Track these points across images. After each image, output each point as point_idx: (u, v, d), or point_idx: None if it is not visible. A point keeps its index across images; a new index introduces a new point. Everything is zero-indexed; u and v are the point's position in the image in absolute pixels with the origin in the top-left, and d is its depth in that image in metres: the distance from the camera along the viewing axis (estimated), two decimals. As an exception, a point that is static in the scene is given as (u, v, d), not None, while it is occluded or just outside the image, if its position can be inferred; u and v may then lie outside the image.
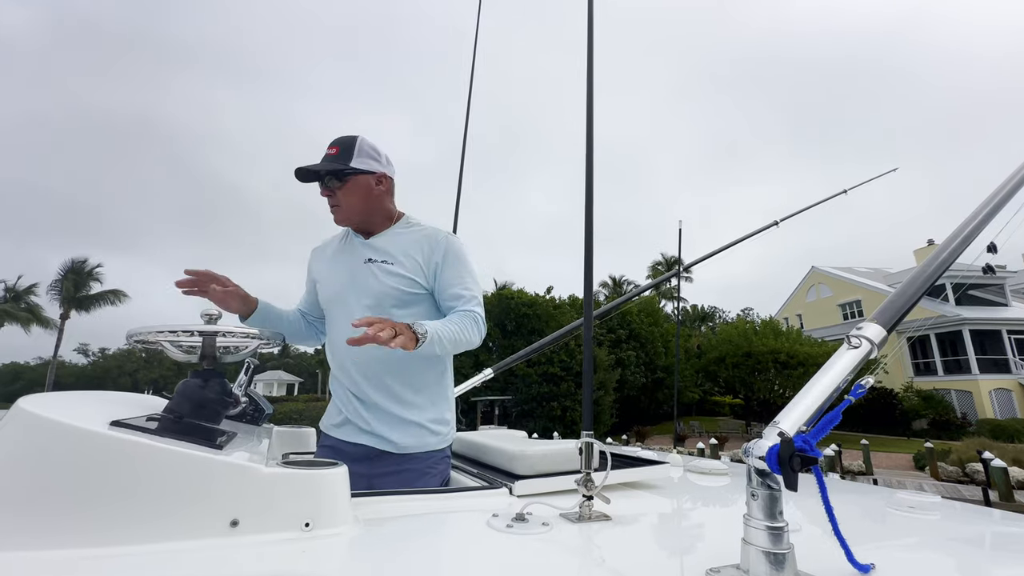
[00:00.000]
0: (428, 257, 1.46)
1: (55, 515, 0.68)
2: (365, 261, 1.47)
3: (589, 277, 1.16)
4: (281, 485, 0.80)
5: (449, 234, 1.52)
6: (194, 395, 1.19)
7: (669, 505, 1.24)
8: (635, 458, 1.55)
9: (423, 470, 1.40)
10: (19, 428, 0.72)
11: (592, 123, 1.26)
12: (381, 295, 1.43)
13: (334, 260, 1.57)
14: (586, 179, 1.22)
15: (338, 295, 1.51)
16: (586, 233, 1.18)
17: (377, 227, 1.54)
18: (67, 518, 0.68)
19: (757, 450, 0.73)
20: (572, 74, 1.36)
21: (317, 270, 1.62)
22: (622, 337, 22.96)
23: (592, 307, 1.13)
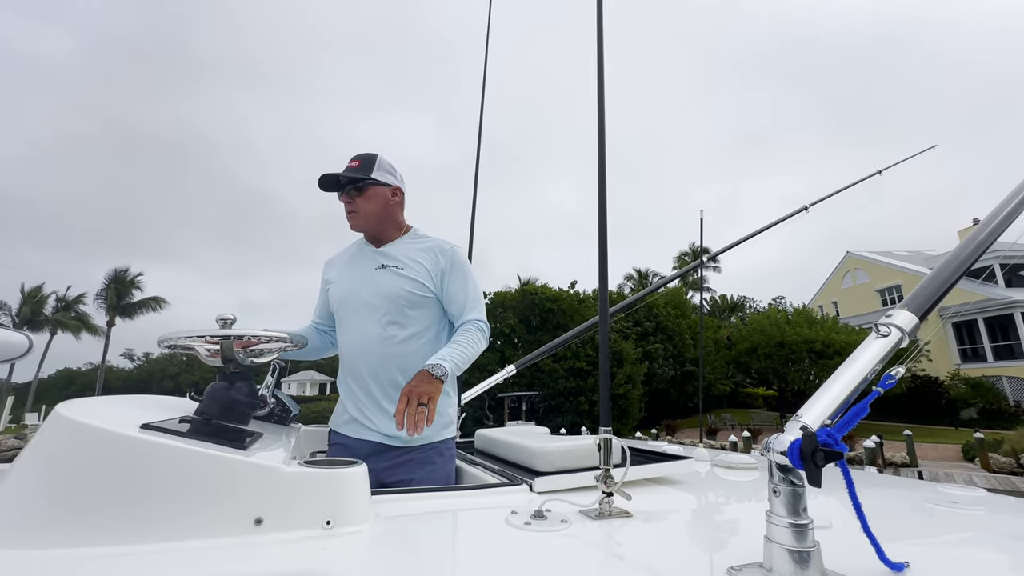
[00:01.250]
0: (435, 265, 1.57)
1: (90, 514, 0.71)
2: (377, 267, 1.57)
3: (604, 275, 1.14)
4: (302, 484, 0.82)
5: (455, 246, 1.63)
6: (222, 397, 1.23)
7: (693, 501, 1.22)
8: (658, 453, 1.53)
9: (425, 460, 1.48)
10: (57, 432, 0.76)
11: (603, 118, 1.24)
12: (393, 296, 1.52)
13: (347, 267, 1.66)
14: (599, 176, 1.20)
15: (351, 297, 1.59)
16: (600, 231, 1.16)
17: (388, 236, 1.64)
18: (101, 517, 0.71)
19: (778, 445, 0.71)
20: (591, 66, 1.35)
21: (330, 277, 1.70)
22: (649, 330, 22.64)
23: (608, 304, 1.11)
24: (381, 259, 1.58)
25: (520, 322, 19.30)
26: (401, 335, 1.52)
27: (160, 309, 34.95)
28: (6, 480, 0.75)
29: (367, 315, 1.54)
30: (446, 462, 1.53)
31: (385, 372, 1.51)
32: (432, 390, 1.26)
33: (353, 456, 1.49)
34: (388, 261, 1.57)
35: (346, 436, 1.55)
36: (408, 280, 1.53)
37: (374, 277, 1.56)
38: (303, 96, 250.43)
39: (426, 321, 1.56)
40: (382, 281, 1.54)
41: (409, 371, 1.47)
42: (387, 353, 1.50)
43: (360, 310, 1.55)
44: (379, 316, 1.52)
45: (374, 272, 1.56)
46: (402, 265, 1.56)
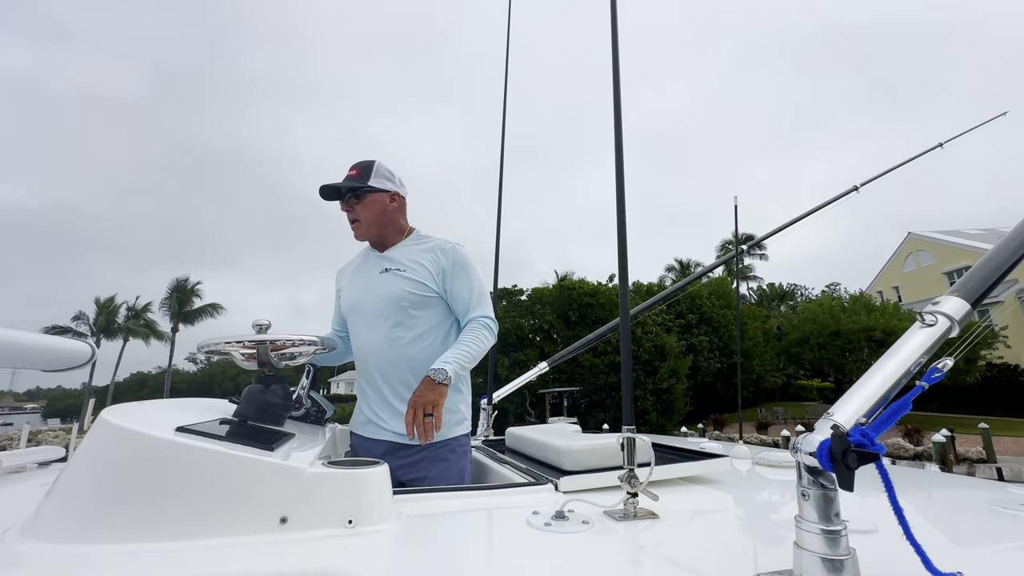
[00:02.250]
0: (436, 265, 1.59)
1: (129, 512, 0.76)
2: (381, 271, 1.60)
3: (624, 276, 1.10)
4: (325, 484, 0.85)
5: (455, 245, 1.63)
6: (257, 399, 1.29)
7: (727, 502, 1.17)
8: (692, 451, 1.48)
9: (438, 458, 1.51)
10: (101, 437, 0.82)
11: (619, 116, 1.19)
12: (397, 298, 1.55)
13: (355, 274, 1.71)
14: (616, 177, 1.16)
15: (358, 303, 1.64)
16: (619, 233, 1.12)
17: (391, 240, 1.67)
18: (139, 515, 0.76)
19: (806, 445, 0.66)
20: (624, 55, 1.30)
21: (341, 285, 1.76)
22: (692, 322, 21.97)
23: (628, 306, 1.08)
24: (385, 263, 1.62)
25: (559, 317, 19.17)
26: (407, 336, 1.54)
27: (217, 315, 37.18)
28: (60, 480, 0.81)
29: (374, 319, 1.58)
30: (459, 459, 1.55)
31: (395, 373, 1.55)
32: (435, 397, 1.30)
33: (369, 455, 1.55)
34: (391, 264, 1.60)
35: (363, 437, 1.60)
36: (410, 281, 1.55)
37: (378, 281, 1.59)
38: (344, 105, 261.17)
39: (432, 321, 1.58)
40: (386, 284, 1.57)
41: (418, 371, 1.51)
42: (395, 355, 1.54)
43: (367, 315, 1.59)
44: (384, 319, 1.56)
45: (378, 276, 1.60)
46: (404, 267, 1.58)
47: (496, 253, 2.84)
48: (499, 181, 2.70)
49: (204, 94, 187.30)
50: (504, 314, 19.47)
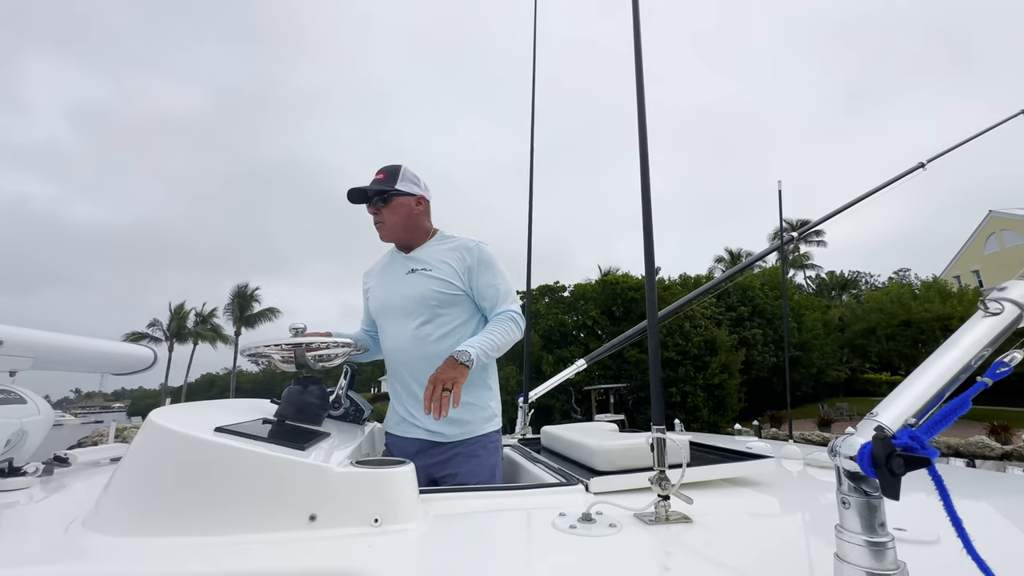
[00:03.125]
0: (462, 262, 1.61)
1: (171, 508, 0.81)
2: (407, 272, 1.63)
3: (651, 275, 1.05)
4: (351, 484, 0.86)
5: (479, 243, 1.65)
6: (296, 400, 1.34)
7: (770, 506, 1.10)
8: (734, 452, 1.40)
9: (470, 454, 1.53)
10: (147, 437, 0.87)
11: (643, 111, 1.14)
12: (424, 297, 1.58)
13: (381, 276, 1.74)
14: (642, 177, 1.10)
15: (385, 303, 1.67)
16: (645, 231, 1.07)
17: (416, 242, 1.70)
18: (179, 511, 0.81)
19: (846, 448, 0.61)
20: (660, 43, 1.27)
21: (368, 286, 1.79)
22: (744, 315, 21.02)
23: (656, 307, 1.03)
24: (411, 264, 1.64)
25: (602, 313, 18.89)
26: (436, 334, 1.56)
27: (275, 318, 39.33)
28: (114, 476, 0.88)
29: (402, 319, 1.60)
30: (490, 455, 1.56)
31: (424, 371, 1.53)
32: (456, 375, 1.30)
33: (403, 453, 1.58)
34: (417, 265, 1.63)
35: (397, 436, 1.64)
36: (436, 280, 1.58)
37: (405, 282, 1.62)
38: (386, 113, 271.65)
39: (459, 319, 1.60)
40: (412, 284, 1.59)
41: None
42: (424, 353, 1.55)
43: (395, 315, 1.62)
44: (412, 318, 1.58)
45: (404, 277, 1.63)
46: (430, 267, 1.60)
47: (528, 250, 2.82)
48: (529, 180, 2.68)
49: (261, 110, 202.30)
50: (547, 311, 19.41)
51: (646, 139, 1.13)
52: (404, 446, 1.60)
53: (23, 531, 0.94)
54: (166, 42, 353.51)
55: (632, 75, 1.17)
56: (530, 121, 2.82)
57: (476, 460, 1.53)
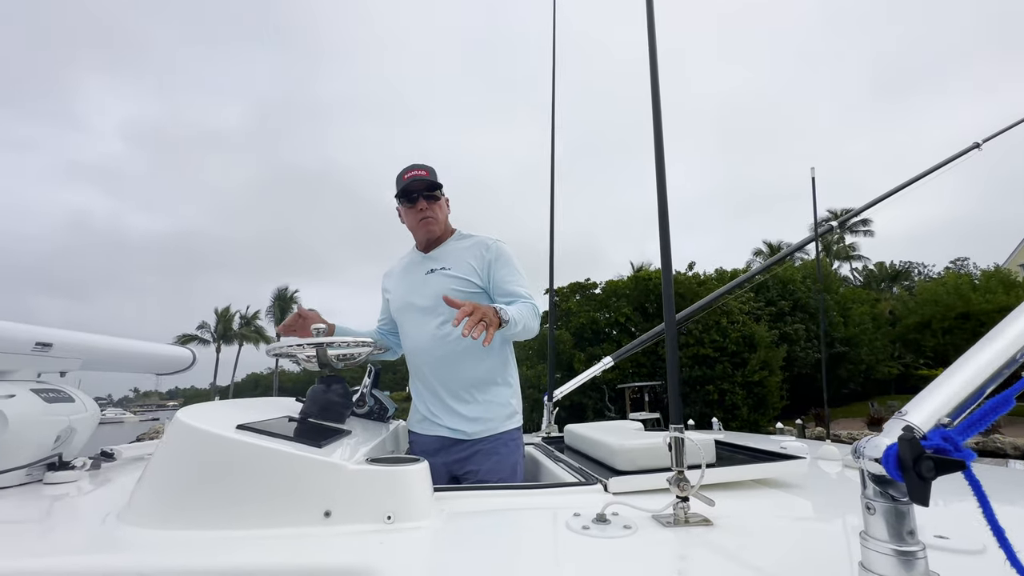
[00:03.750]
0: (481, 260, 1.62)
1: (193, 502, 0.84)
2: (427, 272, 1.65)
3: (668, 275, 1.02)
4: (364, 481, 0.87)
5: (497, 240, 1.67)
6: (320, 398, 1.37)
7: (799, 509, 1.04)
8: (765, 451, 1.34)
9: (491, 451, 1.54)
10: (174, 434, 0.91)
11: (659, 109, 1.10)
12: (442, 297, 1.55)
13: (401, 277, 1.76)
14: (657, 179, 1.07)
15: (406, 304, 1.69)
16: (661, 229, 1.03)
17: (440, 240, 1.72)
18: (201, 505, 0.84)
19: (870, 449, 0.57)
20: (692, 33, 1.24)
21: (388, 288, 1.81)
22: (785, 309, 20.20)
23: (673, 309, 1.00)
24: (430, 264, 1.66)
25: (635, 310, 18.55)
26: (455, 333, 1.56)
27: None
28: (145, 471, 0.92)
29: (422, 319, 1.62)
30: (511, 452, 1.56)
31: (445, 370, 1.60)
32: (493, 318, 1.28)
33: (425, 451, 1.59)
34: (436, 265, 1.65)
35: (419, 434, 1.66)
36: (455, 279, 1.59)
37: (425, 282, 1.63)
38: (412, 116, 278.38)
39: None
40: (432, 284, 1.61)
41: (467, 367, 1.57)
42: (444, 352, 1.57)
43: (416, 315, 1.64)
44: (433, 318, 1.59)
45: (424, 277, 1.64)
46: (449, 265, 1.62)
47: (551, 246, 2.79)
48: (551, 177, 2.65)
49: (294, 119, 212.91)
50: (578, 308, 19.23)
51: (661, 137, 1.09)
52: (426, 444, 1.62)
53: (66, 522, 1.00)
54: (207, 60, 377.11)
55: (664, 69, 1.13)
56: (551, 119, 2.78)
57: (497, 457, 1.53)
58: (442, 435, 1.59)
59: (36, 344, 1.36)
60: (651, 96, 1.11)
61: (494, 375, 1.62)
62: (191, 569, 0.71)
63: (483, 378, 1.60)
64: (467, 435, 1.56)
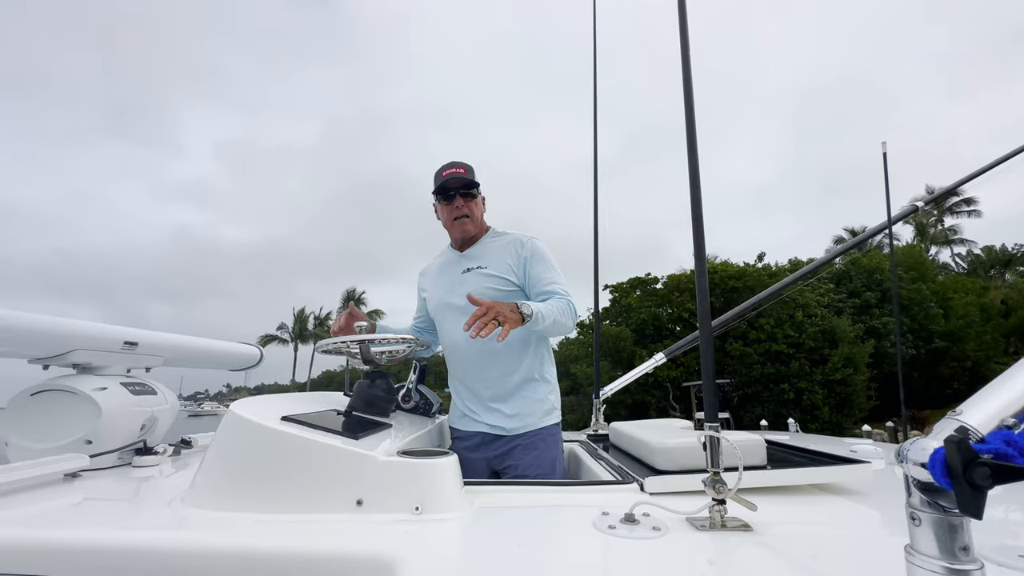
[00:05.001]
0: (517, 257, 1.63)
1: (242, 487, 0.91)
2: (463, 271, 1.66)
3: (703, 280, 0.96)
4: (393, 472, 0.90)
5: (532, 237, 1.67)
6: (364, 393, 1.44)
7: (854, 518, 0.94)
8: (825, 455, 1.23)
9: (529, 446, 1.54)
10: (228, 424, 0.99)
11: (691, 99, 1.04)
12: (480, 296, 1.56)
13: (438, 276, 1.78)
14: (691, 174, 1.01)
15: (443, 303, 1.70)
16: (694, 221, 0.97)
17: (475, 238, 1.73)
18: (248, 489, 0.90)
19: (916, 453, 0.50)
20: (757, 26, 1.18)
21: (424, 287, 1.84)
22: (872, 301, 18.45)
23: (709, 315, 0.94)
24: (466, 263, 1.68)
25: (700, 305, 17.73)
26: (495, 331, 1.56)
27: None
28: (204, 458, 1.01)
29: (460, 318, 1.61)
30: (549, 447, 1.56)
31: (483, 368, 1.61)
32: (509, 315, 1.29)
33: (465, 446, 1.61)
34: (472, 264, 1.66)
35: (460, 430, 1.68)
36: (492, 277, 1.60)
37: (462, 282, 1.65)
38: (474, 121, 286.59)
39: None
40: (469, 283, 1.62)
41: (506, 365, 1.58)
42: (482, 350, 1.58)
43: (454, 314, 1.65)
44: None
45: (461, 276, 1.66)
46: (486, 264, 1.63)
47: (595, 243, 2.73)
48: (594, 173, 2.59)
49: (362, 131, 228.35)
50: (638, 304, 18.70)
51: (694, 137, 1.02)
52: (466, 439, 1.65)
53: (145, 501, 1.12)
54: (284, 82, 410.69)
55: (728, 46, 1.07)
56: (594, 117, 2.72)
57: (536, 452, 1.53)
58: (482, 431, 1.61)
59: (124, 343, 1.53)
60: (683, 96, 1.06)
61: (532, 372, 1.62)
62: (234, 549, 0.77)
63: (521, 375, 1.60)
64: (506, 431, 1.57)
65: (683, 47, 1.07)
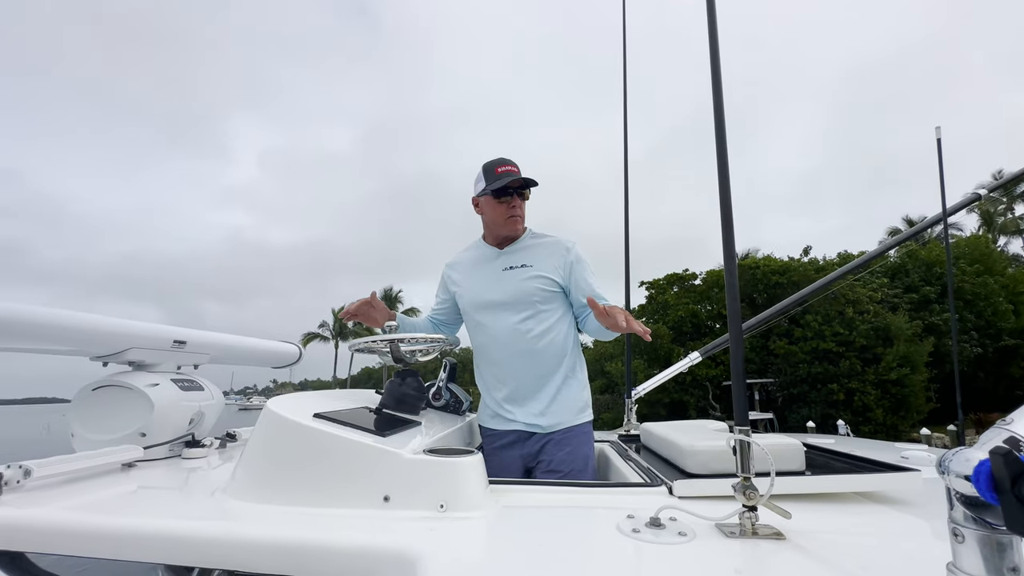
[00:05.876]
0: (564, 259, 1.64)
1: (276, 480, 0.95)
2: (504, 269, 1.65)
3: (732, 275, 0.92)
4: (419, 470, 0.92)
5: (575, 241, 1.68)
6: (395, 391, 1.47)
7: (899, 529, 0.88)
8: (869, 461, 1.17)
9: (563, 442, 1.54)
10: (264, 420, 1.03)
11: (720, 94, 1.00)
12: (526, 294, 1.60)
13: (473, 270, 1.75)
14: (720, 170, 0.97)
15: (481, 299, 1.69)
16: (723, 218, 0.94)
17: (516, 238, 1.71)
18: (282, 483, 0.94)
19: (958, 464, 0.47)
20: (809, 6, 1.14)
21: (456, 281, 1.80)
22: (931, 296, 17.28)
23: (739, 314, 0.91)
24: (506, 260, 1.66)
25: (741, 301, 17.10)
26: (537, 330, 1.58)
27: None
28: (243, 452, 1.06)
29: (500, 315, 1.63)
30: (583, 444, 1.56)
31: (523, 365, 1.60)
32: None
33: (499, 445, 1.62)
34: (514, 262, 1.65)
35: (492, 429, 1.67)
36: (538, 277, 1.60)
37: (503, 279, 1.63)
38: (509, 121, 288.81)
39: (557, 314, 1.62)
40: (512, 281, 1.61)
41: (544, 363, 1.58)
42: (523, 348, 1.58)
43: (494, 311, 1.64)
44: (514, 313, 1.60)
45: (501, 274, 1.64)
46: (531, 263, 1.62)
47: (626, 240, 2.68)
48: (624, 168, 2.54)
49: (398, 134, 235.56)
50: (675, 301, 18.26)
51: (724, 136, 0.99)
52: (499, 438, 1.64)
53: (192, 491, 1.19)
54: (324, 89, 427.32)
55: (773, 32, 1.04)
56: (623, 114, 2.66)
57: (569, 448, 1.53)
58: (516, 429, 1.61)
59: (174, 342, 1.63)
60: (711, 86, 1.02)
61: (568, 370, 1.62)
62: (268, 539, 0.81)
63: (561, 374, 1.61)
64: (541, 428, 1.57)
65: (711, 37, 1.04)
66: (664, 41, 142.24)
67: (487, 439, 1.70)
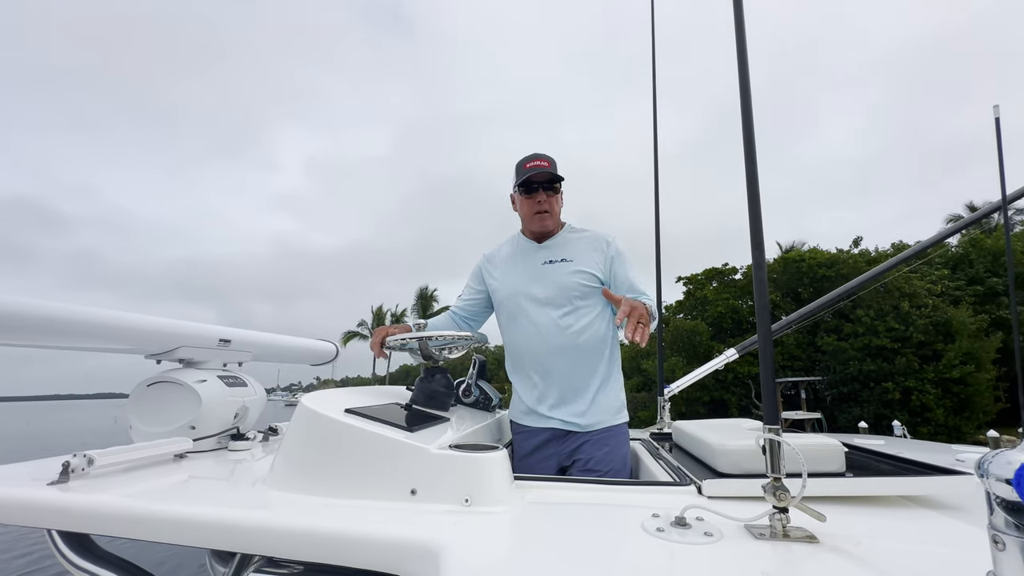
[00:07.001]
0: (604, 254, 1.63)
1: (311, 472, 0.99)
2: (543, 263, 1.64)
3: (761, 269, 0.89)
4: (444, 465, 0.94)
5: (615, 236, 1.67)
6: (425, 388, 1.50)
7: (944, 536, 0.83)
8: (917, 463, 1.10)
9: (601, 442, 1.52)
10: (299, 415, 1.08)
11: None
12: (567, 288, 1.59)
13: (511, 264, 1.72)
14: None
15: (519, 294, 1.65)
16: (751, 211, 0.91)
17: (552, 232, 1.70)
18: (315, 475, 0.98)
19: (998, 467, 0.44)
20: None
21: (492, 274, 1.77)
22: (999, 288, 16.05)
23: (768, 310, 0.87)
24: (546, 254, 1.65)
25: (785, 296, 16.44)
26: (577, 325, 1.56)
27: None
28: (281, 445, 1.11)
29: (540, 309, 1.60)
30: (620, 444, 1.54)
31: (563, 362, 1.58)
32: (646, 316, 1.26)
33: (531, 442, 1.61)
34: (554, 256, 1.63)
35: (527, 426, 1.64)
36: (579, 272, 1.59)
37: (542, 273, 1.62)
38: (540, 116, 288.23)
39: (596, 309, 1.60)
40: (552, 276, 1.60)
41: (582, 359, 1.57)
42: (562, 343, 1.56)
43: (533, 305, 1.61)
44: (554, 308, 1.58)
45: (541, 268, 1.63)
46: (571, 257, 1.61)
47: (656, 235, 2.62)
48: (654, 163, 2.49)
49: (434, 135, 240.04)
50: (715, 296, 17.73)
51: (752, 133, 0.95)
52: (534, 435, 1.62)
53: (237, 482, 1.26)
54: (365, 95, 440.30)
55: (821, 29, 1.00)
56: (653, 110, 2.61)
57: (608, 448, 1.52)
58: (552, 427, 1.58)
59: (219, 340, 1.72)
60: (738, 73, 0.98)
61: (607, 369, 1.60)
62: (302, 528, 0.85)
63: (601, 372, 1.59)
64: (580, 427, 1.55)
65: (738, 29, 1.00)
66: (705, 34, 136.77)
67: (520, 436, 1.68)
